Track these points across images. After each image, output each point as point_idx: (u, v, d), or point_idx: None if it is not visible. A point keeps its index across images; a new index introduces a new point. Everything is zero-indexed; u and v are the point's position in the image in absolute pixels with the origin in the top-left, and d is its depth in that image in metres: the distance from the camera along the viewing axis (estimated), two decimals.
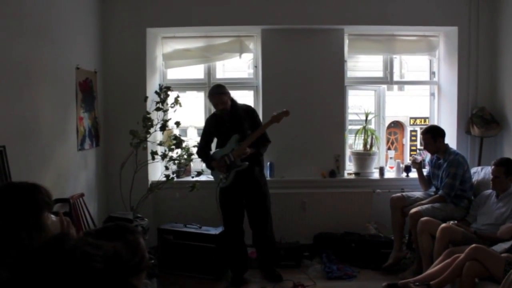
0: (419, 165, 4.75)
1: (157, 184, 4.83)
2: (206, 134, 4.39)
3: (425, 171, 4.78)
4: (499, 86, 5.00)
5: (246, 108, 4.37)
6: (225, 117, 4.22)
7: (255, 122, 4.29)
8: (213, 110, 4.45)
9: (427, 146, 4.53)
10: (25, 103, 3.45)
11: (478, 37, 5.09)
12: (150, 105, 4.84)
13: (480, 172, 4.60)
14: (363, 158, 5.30)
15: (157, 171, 5.13)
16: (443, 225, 3.88)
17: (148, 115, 4.71)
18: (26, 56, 3.44)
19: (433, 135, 4.46)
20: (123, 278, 0.91)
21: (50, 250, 0.88)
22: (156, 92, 4.88)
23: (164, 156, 4.78)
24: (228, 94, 4.24)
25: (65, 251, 0.87)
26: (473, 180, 4.52)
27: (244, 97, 5.47)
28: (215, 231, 4.52)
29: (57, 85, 3.95)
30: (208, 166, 4.43)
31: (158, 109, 4.79)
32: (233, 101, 4.27)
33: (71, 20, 4.23)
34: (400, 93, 12.74)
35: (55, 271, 0.84)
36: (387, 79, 5.57)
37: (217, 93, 4.17)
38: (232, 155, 4.14)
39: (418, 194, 4.63)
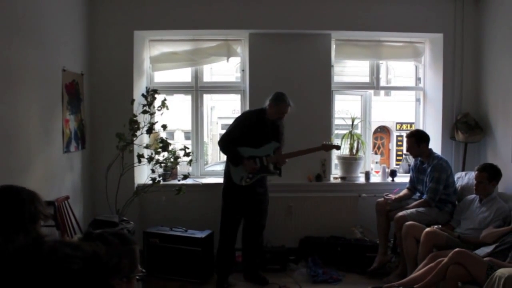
0: (390, 206, 4.54)
1: (143, 187, 4.81)
2: (243, 127, 4.32)
3: (406, 178, 4.81)
4: (483, 93, 5.08)
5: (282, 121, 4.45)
6: (268, 122, 4.28)
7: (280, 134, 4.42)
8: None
9: (410, 149, 4.58)
10: (10, 105, 3.40)
11: (463, 44, 5.17)
12: (137, 108, 4.82)
13: (464, 177, 4.66)
14: (349, 162, 5.32)
15: (143, 174, 5.10)
16: (428, 229, 3.92)
17: (134, 118, 4.68)
18: (12, 58, 3.41)
19: (417, 139, 4.50)
20: (102, 279, 0.91)
21: (28, 253, 0.87)
22: (143, 95, 4.86)
23: (150, 159, 4.75)
24: None
25: (44, 253, 0.86)
26: (457, 185, 4.58)
27: (231, 101, 5.47)
28: (201, 234, 4.50)
29: (43, 87, 3.91)
30: (233, 160, 4.32)
31: (145, 112, 4.77)
32: None
33: (57, 22, 4.19)
34: (386, 99, 12.90)
35: (33, 274, 0.83)
36: (374, 85, 5.61)
37: (290, 105, 4.24)
38: (266, 160, 4.26)
39: None
